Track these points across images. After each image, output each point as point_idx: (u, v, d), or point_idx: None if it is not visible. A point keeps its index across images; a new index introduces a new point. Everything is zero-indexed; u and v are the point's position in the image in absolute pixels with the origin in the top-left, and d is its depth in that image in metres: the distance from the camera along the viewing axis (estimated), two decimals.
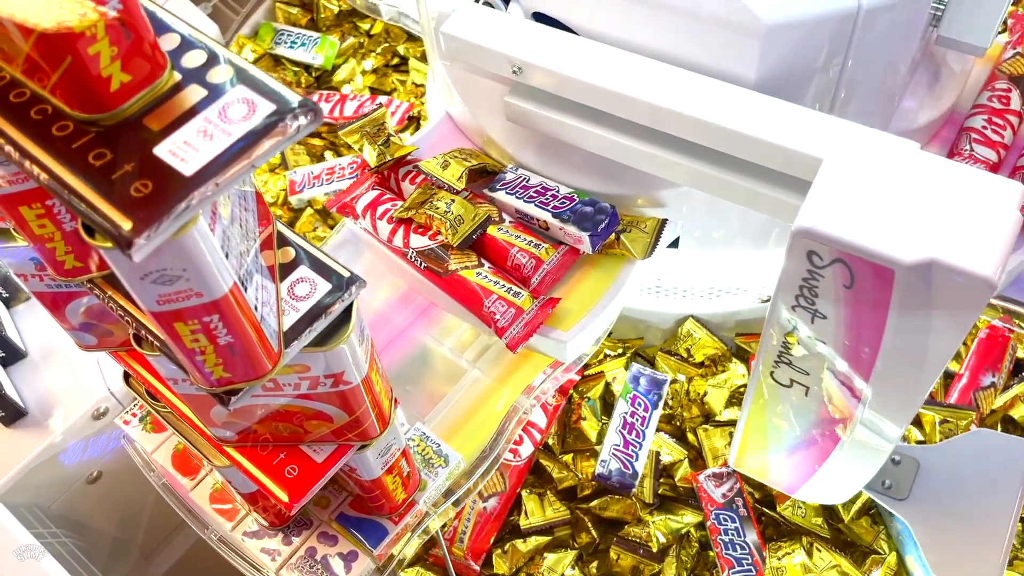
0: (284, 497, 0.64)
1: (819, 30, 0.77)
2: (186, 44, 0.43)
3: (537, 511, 1.03)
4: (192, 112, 0.40)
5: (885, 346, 0.60)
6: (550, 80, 0.83)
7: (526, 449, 1.05)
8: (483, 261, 0.88)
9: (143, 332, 0.53)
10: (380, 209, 0.93)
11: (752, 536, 0.98)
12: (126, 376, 0.72)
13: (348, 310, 0.55)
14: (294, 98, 0.40)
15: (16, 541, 0.97)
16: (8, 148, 0.39)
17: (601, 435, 1.08)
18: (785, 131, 0.71)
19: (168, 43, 0.43)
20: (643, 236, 0.88)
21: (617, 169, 0.89)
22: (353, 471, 0.70)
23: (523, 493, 1.04)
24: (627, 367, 1.12)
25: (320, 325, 0.53)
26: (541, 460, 1.07)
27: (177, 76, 0.41)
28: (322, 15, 1.61)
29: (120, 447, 1.07)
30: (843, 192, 0.58)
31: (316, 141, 1.45)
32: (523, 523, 1.03)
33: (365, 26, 1.60)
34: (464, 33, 0.86)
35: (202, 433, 0.67)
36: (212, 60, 0.42)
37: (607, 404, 1.12)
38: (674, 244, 0.98)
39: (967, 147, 0.92)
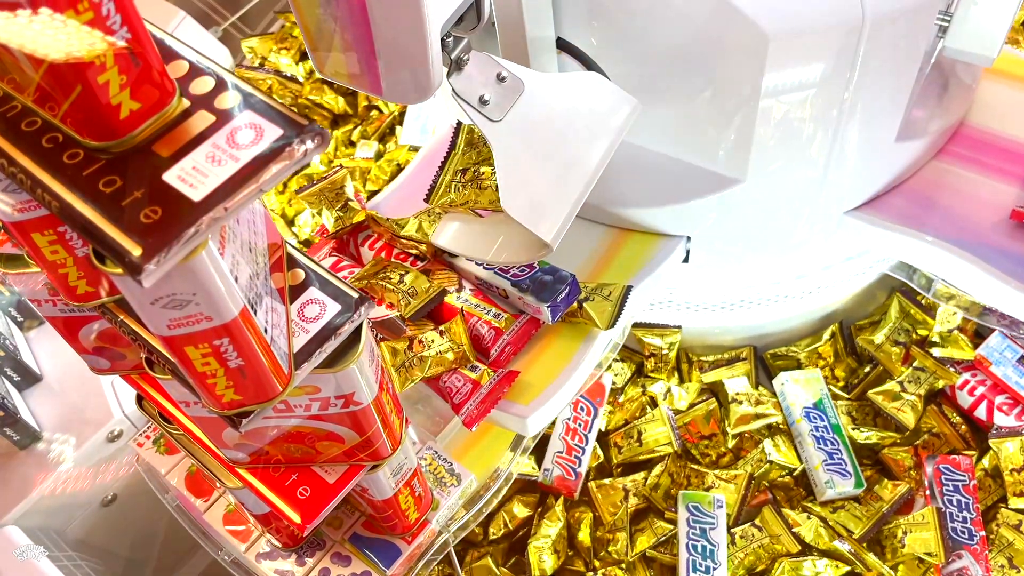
0: (297, 518, 0.64)
1: (824, 41, 0.77)
2: (195, 71, 0.43)
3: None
4: (201, 138, 0.40)
5: None
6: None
7: None
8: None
9: (155, 356, 0.53)
10: None
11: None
12: (139, 399, 0.72)
13: (358, 331, 0.55)
14: (301, 122, 0.41)
15: (35, 569, 0.97)
16: (20, 176, 0.40)
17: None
18: None
19: (177, 70, 0.43)
20: (607, 304, 0.85)
21: (622, 175, 0.89)
22: (366, 491, 0.70)
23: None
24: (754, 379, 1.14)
25: (330, 346, 0.53)
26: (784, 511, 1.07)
27: (186, 103, 0.42)
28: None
29: (134, 470, 1.07)
30: None
31: None
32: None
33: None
34: None
35: (215, 455, 0.67)
36: (220, 86, 0.43)
37: (779, 429, 1.13)
38: (684, 259, 0.98)
39: None
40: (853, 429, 1.11)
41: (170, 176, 0.39)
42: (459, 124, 0.90)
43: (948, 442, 1.10)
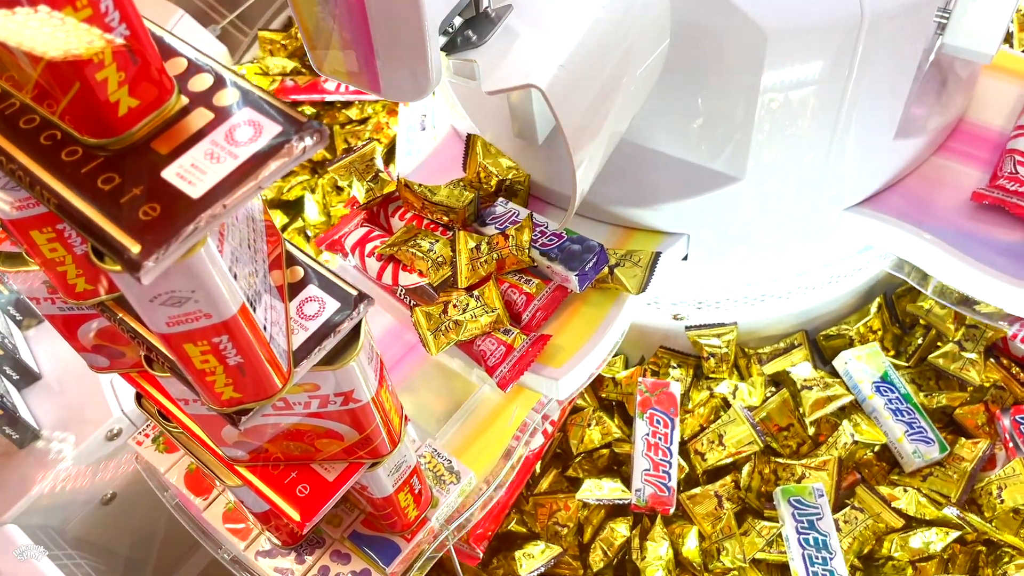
0: (296, 516, 0.64)
1: (823, 39, 0.77)
2: (193, 68, 0.43)
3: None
4: (199, 135, 0.40)
5: None
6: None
7: None
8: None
9: (154, 353, 0.53)
10: (369, 247, 0.92)
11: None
12: (138, 397, 0.72)
13: (357, 328, 0.55)
14: (300, 119, 0.41)
15: (34, 568, 0.97)
16: (18, 173, 0.40)
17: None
18: None
19: (175, 67, 0.43)
20: (637, 270, 0.86)
21: (623, 174, 0.89)
22: (365, 489, 0.70)
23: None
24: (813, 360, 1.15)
25: (329, 344, 0.53)
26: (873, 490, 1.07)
27: (184, 100, 0.42)
28: None
29: (134, 468, 1.07)
30: None
31: None
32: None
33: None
34: None
35: (214, 453, 0.67)
36: (219, 83, 0.43)
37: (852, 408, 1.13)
38: (684, 257, 0.98)
39: (1011, 169, 0.91)
40: (925, 396, 1.12)
41: (169, 173, 0.39)
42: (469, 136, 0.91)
43: (1013, 393, 1.12)
